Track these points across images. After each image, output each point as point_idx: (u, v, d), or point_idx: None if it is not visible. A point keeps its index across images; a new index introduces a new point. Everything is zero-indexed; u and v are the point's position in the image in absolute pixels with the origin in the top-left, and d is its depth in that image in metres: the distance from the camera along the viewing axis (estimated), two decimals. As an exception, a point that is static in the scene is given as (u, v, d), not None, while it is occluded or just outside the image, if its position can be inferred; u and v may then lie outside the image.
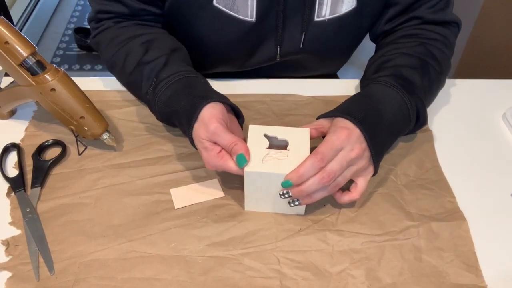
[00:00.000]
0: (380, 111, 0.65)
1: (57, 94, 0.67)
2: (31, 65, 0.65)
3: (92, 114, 0.69)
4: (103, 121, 0.71)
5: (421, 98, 0.70)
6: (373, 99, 0.67)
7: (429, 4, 0.78)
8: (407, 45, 0.77)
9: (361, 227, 0.65)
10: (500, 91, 0.87)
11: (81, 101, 0.68)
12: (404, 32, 0.80)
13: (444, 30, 0.80)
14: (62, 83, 0.67)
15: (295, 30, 0.80)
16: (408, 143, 0.76)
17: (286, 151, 0.61)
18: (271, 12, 0.77)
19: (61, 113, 0.69)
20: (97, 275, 0.60)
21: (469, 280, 0.60)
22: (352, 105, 0.66)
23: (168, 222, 0.65)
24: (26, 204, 0.67)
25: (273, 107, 0.82)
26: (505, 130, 0.80)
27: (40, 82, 0.66)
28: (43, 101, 0.68)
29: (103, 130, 0.71)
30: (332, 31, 0.80)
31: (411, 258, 0.62)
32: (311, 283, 0.59)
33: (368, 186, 0.69)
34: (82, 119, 0.69)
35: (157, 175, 0.71)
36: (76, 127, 0.70)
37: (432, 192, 0.69)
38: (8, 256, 0.61)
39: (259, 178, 0.60)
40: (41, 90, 0.66)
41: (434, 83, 0.75)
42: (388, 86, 0.68)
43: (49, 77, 0.66)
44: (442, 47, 0.78)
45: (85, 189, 0.69)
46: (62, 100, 0.67)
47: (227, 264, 0.61)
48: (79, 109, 0.68)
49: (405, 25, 0.81)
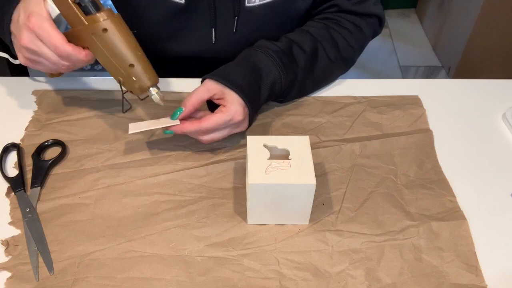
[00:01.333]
0: (261, 84, 0.73)
1: (108, 35, 0.63)
2: (86, 4, 0.62)
3: (143, 63, 0.65)
4: (153, 74, 0.67)
5: (297, 78, 0.77)
6: (258, 72, 0.73)
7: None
8: (315, 25, 0.82)
9: (360, 227, 0.65)
10: (500, 91, 0.87)
11: (132, 47, 0.64)
12: (322, 15, 0.84)
13: (359, 21, 0.83)
14: (115, 24, 0.63)
15: (228, 15, 0.81)
16: (408, 143, 0.76)
17: (288, 160, 0.61)
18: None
19: (110, 60, 0.64)
20: (97, 275, 0.60)
21: (469, 280, 0.60)
22: (241, 75, 0.71)
23: (168, 222, 0.65)
24: (25, 204, 0.66)
25: (273, 107, 0.82)
26: (505, 130, 0.80)
27: (93, 21, 0.62)
28: (93, 46, 0.64)
29: (152, 82, 0.66)
30: (265, 17, 0.82)
31: (411, 258, 0.62)
32: (311, 284, 0.59)
33: (368, 186, 0.70)
34: (131, 67, 0.64)
35: (156, 175, 0.71)
36: (125, 78, 0.66)
37: (432, 191, 0.69)
38: (8, 256, 0.61)
39: (264, 190, 0.60)
40: (93, 30, 0.62)
41: (321, 68, 0.81)
42: (272, 60, 0.74)
43: (102, 17, 0.62)
44: (348, 36, 0.82)
45: (85, 189, 0.69)
46: (112, 43, 0.63)
47: (226, 264, 0.61)
48: (130, 55, 0.64)
49: (325, 11, 0.84)
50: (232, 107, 0.69)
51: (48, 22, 0.62)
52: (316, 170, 0.61)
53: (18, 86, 0.85)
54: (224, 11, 0.81)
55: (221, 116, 0.68)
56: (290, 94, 0.79)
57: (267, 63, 0.74)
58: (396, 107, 0.82)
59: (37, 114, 0.80)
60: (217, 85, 0.70)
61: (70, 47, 0.62)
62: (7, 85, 0.86)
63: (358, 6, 0.83)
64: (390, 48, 2.27)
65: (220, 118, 0.68)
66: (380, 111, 0.81)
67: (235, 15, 0.81)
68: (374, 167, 0.72)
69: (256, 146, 0.63)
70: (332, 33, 0.81)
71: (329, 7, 0.84)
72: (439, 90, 0.87)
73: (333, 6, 0.83)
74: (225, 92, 0.70)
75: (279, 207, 0.62)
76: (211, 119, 0.68)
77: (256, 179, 0.59)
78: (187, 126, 0.68)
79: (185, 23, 0.83)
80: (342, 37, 0.82)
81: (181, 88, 0.84)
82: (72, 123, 0.78)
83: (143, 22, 0.83)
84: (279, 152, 0.63)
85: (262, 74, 0.73)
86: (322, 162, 0.73)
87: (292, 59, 0.77)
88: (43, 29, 0.61)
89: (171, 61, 0.91)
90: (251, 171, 0.60)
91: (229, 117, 0.68)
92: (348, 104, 0.82)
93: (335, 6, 0.83)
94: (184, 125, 0.68)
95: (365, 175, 0.71)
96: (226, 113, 0.68)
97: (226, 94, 0.70)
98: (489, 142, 0.78)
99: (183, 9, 0.80)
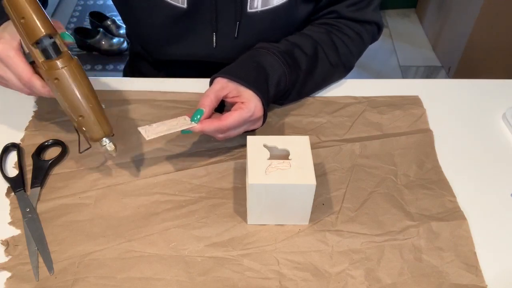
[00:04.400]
0: (269, 83, 0.73)
1: (60, 84, 0.61)
2: (45, 47, 0.60)
3: (93, 115, 0.63)
4: (106, 126, 0.64)
5: (298, 79, 0.77)
6: (265, 70, 0.73)
7: (348, 2, 0.82)
8: (316, 29, 0.82)
9: (360, 227, 0.65)
10: (500, 91, 0.87)
11: (83, 98, 0.62)
12: (322, 20, 0.85)
13: (358, 27, 0.83)
14: (68, 74, 0.61)
15: (229, 20, 0.81)
16: (408, 143, 0.76)
17: (288, 160, 0.61)
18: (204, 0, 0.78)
19: (65, 105, 0.63)
20: (97, 275, 0.60)
21: (469, 280, 0.60)
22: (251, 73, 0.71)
23: (168, 222, 0.65)
24: (25, 204, 0.66)
25: (273, 107, 0.82)
26: (505, 130, 0.80)
27: (49, 68, 0.61)
28: (50, 87, 0.63)
29: (101, 135, 0.64)
30: (267, 23, 0.82)
31: (411, 258, 0.62)
32: (311, 284, 0.59)
33: (368, 186, 0.70)
34: (81, 118, 0.63)
35: (156, 175, 0.71)
36: (77, 124, 0.65)
37: (432, 191, 0.69)
38: (8, 256, 0.61)
39: (263, 190, 0.60)
40: (47, 76, 0.61)
41: (321, 72, 0.81)
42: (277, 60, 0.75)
43: (59, 64, 0.60)
44: (348, 42, 0.82)
45: (85, 189, 0.69)
46: (64, 92, 0.62)
47: (226, 264, 0.61)
48: (80, 107, 0.62)
49: (325, 16, 0.85)
50: (251, 103, 0.68)
51: (15, 51, 0.63)
52: (316, 170, 0.61)
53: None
54: (226, 16, 0.81)
55: (241, 113, 0.67)
56: (291, 95, 0.79)
57: (272, 62, 0.74)
58: (396, 107, 0.82)
59: (37, 114, 0.80)
60: (230, 83, 0.69)
61: (34, 79, 0.64)
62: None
63: (358, 13, 0.83)
64: (390, 48, 2.27)
65: (241, 115, 0.67)
66: (380, 111, 0.81)
67: (236, 20, 0.81)
68: (374, 167, 0.72)
69: (256, 146, 0.63)
70: (333, 38, 0.81)
71: (329, 13, 0.84)
72: (439, 90, 0.87)
73: (332, 12, 0.83)
74: (240, 90, 0.69)
75: (279, 207, 0.62)
76: (231, 116, 0.67)
77: (256, 179, 0.59)
78: (207, 125, 0.66)
79: (186, 27, 0.83)
80: (342, 43, 0.82)
81: (178, 89, 0.84)
82: (72, 123, 0.78)
83: (145, 25, 0.83)
84: (279, 152, 0.63)
85: (268, 72, 0.73)
86: (322, 162, 0.73)
87: (294, 60, 0.77)
88: (9, 57, 0.63)
89: (171, 63, 0.91)
90: (251, 171, 0.60)
91: (249, 113, 0.68)
92: (348, 104, 0.82)
93: (334, 13, 0.83)
94: (204, 125, 0.66)
95: (365, 175, 0.71)
96: (246, 109, 0.67)
97: (242, 91, 0.69)
98: (489, 142, 0.78)
99: (185, 14, 0.80)
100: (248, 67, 0.73)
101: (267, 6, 0.79)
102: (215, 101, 0.68)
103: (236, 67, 0.73)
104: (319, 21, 0.85)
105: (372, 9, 0.84)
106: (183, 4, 0.78)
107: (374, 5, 0.84)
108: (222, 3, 0.78)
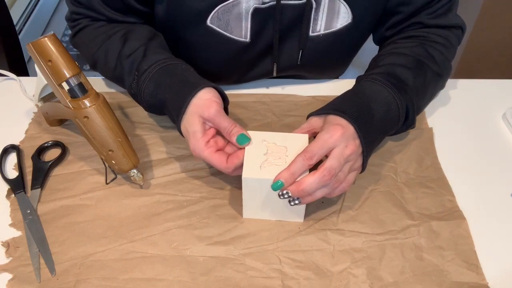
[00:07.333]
0: (371, 108, 0.65)
1: (90, 122, 0.64)
2: (72, 87, 0.63)
3: (122, 149, 0.66)
4: (134, 158, 0.67)
5: (412, 98, 0.69)
6: (364, 96, 0.66)
7: (429, 10, 0.79)
8: (406, 45, 0.78)
9: (361, 226, 0.65)
10: (500, 91, 0.87)
11: (112, 133, 0.65)
12: (405, 34, 0.81)
13: (446, 33, 0.80)
14: (97, 111, 0.64)
15: (292, 48, 0.80)
16: (408, 140, 0.76)
17: (284, 157, 0.61)
18: (266, 32, 0.77)
19: (92, 141, 0.66)
20: (98, 276, 0.60)
21: (470, 278, 0.60)
22: (344, 102, 0.66)
23: (169, 223, 0.65)
24: (26, 206, 0.66)
25: (273, 107, 0.82)
26: (505, 130, 0.80)
27: (77, 107, 0.64)
28: (78, 125, 0.66)
29: (130, 167, 0.67)
30: (328, 45, 0.80)
31: (412, 257, 0.62)
32: (313, 283, 0.59)
33: (368, 184, 0.70)
34: (111, 152, 0.65)
35: (157, 176, 0.71)
36: (106, 158, 0.67)
37: (431, 190, 0.69)
38: (9, 257, 0.61)
39: (257, 185, 0.60)
40: (76, 115, 0.64)
41: (430, 84, 0.75)
42: (378, 84, 0.68)
43: (87, 103, 0.64)
44: (442, 49, 0.78)
45: (86, 190, 0.69)
46: (93, 129, 0.64)
47: (228, 264, 0.61)
48: (109, 142, 0.65)
49: (407, 28, 0.81)
50: (331, 126, 0.61)
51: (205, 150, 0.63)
52: (316, 170, 0.61)
53: (19, 88, 0.85)
54: (289, 44, 0.79)
55: (318, 136, 0.60)
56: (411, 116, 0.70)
57: (373, 87, 0.68)
58: (396, 107, 0.82)
59: (37, 116, 0.80)
60: (318, 117, 0.66)
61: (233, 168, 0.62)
62: (8, 87, 0.86)
63: (441, 19, 0.80)
64: (390, 49, 2.27)
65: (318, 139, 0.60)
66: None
67: (300, 48, 0.79)
68: (374, 165, 0.72)
69: (255, 141, 0.63)
70: (427, 49, 0.77)
71: (411, 25, 0.80)
72: (439, 89, 0.87)
73: (416, 24, 0.80)
74: (325, 119, 0.64)
75: (273, 202, 0.62)
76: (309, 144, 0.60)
77: (250, 173, 0.59)
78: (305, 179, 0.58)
79: (247, 61, 0.82)
80: (438, 51, 0.77)
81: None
82: (72, 125, 0.78)
83: (207, 61, 0.82)
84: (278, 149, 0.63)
85: (369, 96, 0.66)
86: (322, 162, 0.73)
87: (399, 79, 0.70)
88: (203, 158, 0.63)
89: None
90: (246, 165, 0.60)
91: (327, 134, 0.60)
92: (348, 104, 0.82)
93: (418, 24, 0.80)
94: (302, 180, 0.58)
95: (365, 173, 0.71)
96: (322, 131, 0.61)
97: (326, 119, 0.64)
98: (489, 142, 0.78)
99: (247, 47, 0.79)
100: (341, 98, 0.68)
101: (330, 29, 0.78)
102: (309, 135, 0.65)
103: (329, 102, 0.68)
104: (401, 36, 0.81)
105: (454, 13, 0.81)
106: (246, 38, 0.77)
107: (455, 9, 0.81)
108: (287, 30, 0.77)
